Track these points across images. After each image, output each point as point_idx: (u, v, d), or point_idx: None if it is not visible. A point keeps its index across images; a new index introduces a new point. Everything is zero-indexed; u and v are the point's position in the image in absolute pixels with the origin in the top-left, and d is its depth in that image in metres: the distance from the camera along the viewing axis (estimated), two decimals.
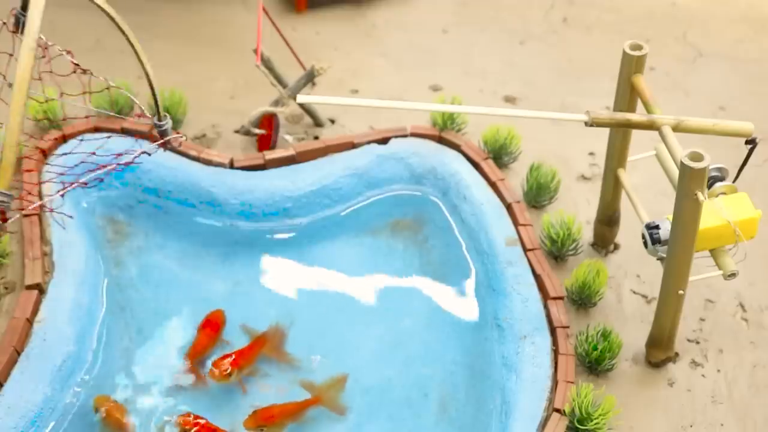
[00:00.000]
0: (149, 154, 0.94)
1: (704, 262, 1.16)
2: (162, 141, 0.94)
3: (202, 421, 1.14)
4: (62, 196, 0.87)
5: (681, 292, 1.13)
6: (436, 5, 1.90)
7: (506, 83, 1.70)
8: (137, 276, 1.31)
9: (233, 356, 1.20)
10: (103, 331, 1.25)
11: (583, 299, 1.27)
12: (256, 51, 1.41)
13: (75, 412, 1.16)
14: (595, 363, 1.20)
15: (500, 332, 1.25)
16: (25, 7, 0.94)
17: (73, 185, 0.87)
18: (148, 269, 1.25)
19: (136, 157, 0.93)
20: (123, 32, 0.82)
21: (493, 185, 1.42)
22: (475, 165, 1.45)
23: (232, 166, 1.41)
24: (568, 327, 1.23)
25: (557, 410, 1.13)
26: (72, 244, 1.28)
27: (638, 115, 1.08)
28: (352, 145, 1.47)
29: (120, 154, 0.96)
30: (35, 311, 1.20)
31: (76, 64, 0.94)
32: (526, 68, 1.75)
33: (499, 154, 1.46)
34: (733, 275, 1.12)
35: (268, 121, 1.48)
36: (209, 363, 1.22)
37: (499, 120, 1.45)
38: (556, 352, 1.21)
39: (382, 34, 1.82)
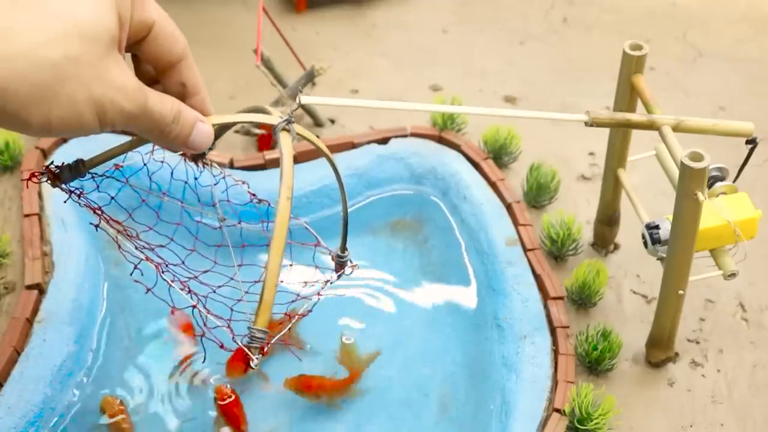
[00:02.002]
0: (332, 283, 0.99)
1: (704, 262, 1.16)
2: (340, 273, 0.99)
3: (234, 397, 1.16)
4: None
5: (681, 292, 1.12)
6: (436, 5, 1.90)
7: (506, 83, 1.70)
8: (137, 276, 1.31)
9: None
10: (103, 331, 1.25)
11: (583, 299, 1.27)
12: (256, 51, 1.41)
13: (75, 412, 1.16)
14: (595, 363, 1.20)
15: (500, 332, 1.25)
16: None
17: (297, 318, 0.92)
18: (149, 269, 1.25)
19: (324, 287, 0.97)
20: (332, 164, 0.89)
21: (493, 185, 1.42)
22: (475, 165, 1.45)
23: (232, 166, 1.41)
24: (568, 327, 1.23)
25: (557, 410, 1.13)
26: (72, 245, 1.28)
27: (638, 115, 1.08)
28: (352, 145, 1.47)
29: None
30: (35, 311, 1.20)
31: None
32: (526, 68, 1.75)
33: (499, 154, 1.46)
34: (733, 275, 1.12)
35: None
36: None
37: (499, 120, 1.45)
38: (556, 352, 1.20)
39: (382, 34, 1.82)
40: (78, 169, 0.84)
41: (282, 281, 1.00)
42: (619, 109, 1.17)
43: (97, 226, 0.92)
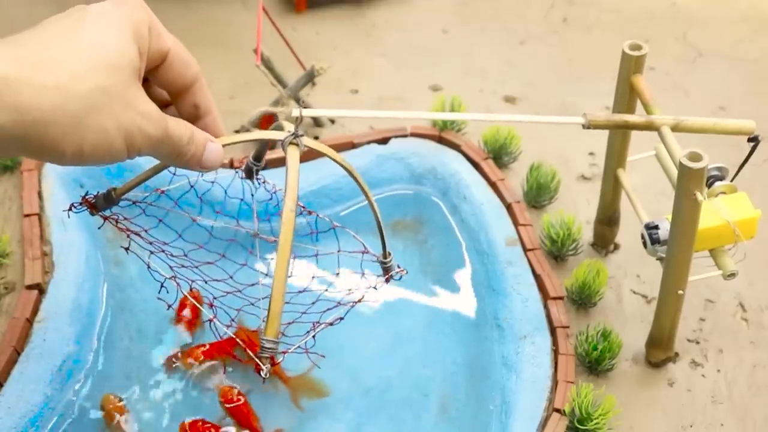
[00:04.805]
0: (376, 289, 1.01)
1: (704, 262, 1.16)
2: (387, 276, 1.01)
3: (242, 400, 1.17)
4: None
5: (680, 292, 1.12)
6: (436, 5, 1.90)
7: (506, 83, 1.70)
8: (137, 276, 1.31)
9: (206, 346, 1.22)
10: (103, 331, 1.25)
11: (583, 299, 1.27)
12: (256, 51, 1.41)
13: (75, 412, 1.16)
14: (595, 363, 1.20)
15: (500, 332, 1.25)
16: (258, 157, 0.99)
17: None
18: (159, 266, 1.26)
19: (365, 293, 1.00)
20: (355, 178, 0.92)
21: (493, 185, 1.42)
22: (475, 165, 1.45)
23: (232, 166, 1.41)
24: (568, 327, 1.23)
25: (557, 410, 1.13)
26: (72, 244, 1.28)
27: (636, 116, 1.08)
28: (352, 145, 1.47)
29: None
30: (35, 311, 1.20)
31: None
32: (526, 68, 1.75)
33: (499, 154, 1.46)
34: (732, 275, 1.12)
35: (268, 121, 1.48)
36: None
37: (499, 120, 1.45)
38: (556, 352, 1.21)
39: (382, 34, 1.82)
40: (111, 197, 0.90)
41: (326, 289, 1.03)
42: (619, 110, 1.17)
43: (127, 249, 0.95)
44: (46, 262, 1.26)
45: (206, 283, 1.02)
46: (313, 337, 0.92)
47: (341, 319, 0.95)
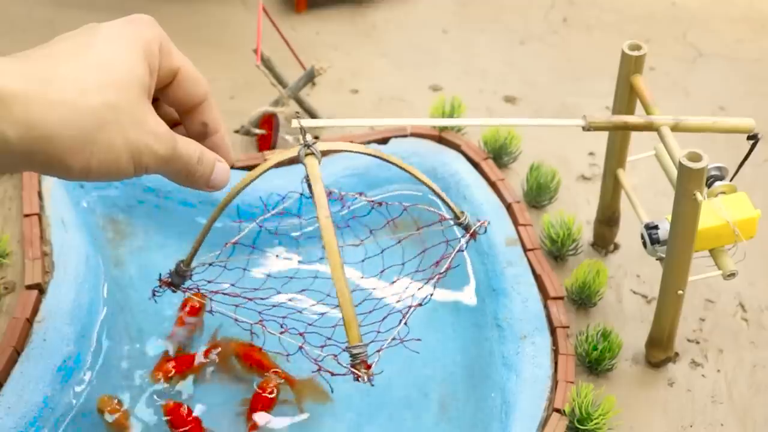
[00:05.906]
0: (463, 251, 1.03)
1: (704, 262, 1.16)
2: (471, 232, 1.04)
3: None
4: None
5: (680, 292, 1.13)
6: (436, 5, 1.90)
7: (506, 83, 1.70)
8: (137, 276, 1.31)
9: (174, 362, 1.21)
10: (103, 331, 1.25)
11: (583, 299, 1.27)
12: (256, 51, 1.41)
13: (75, 412, 1.16)
14: (595, 363, 1.20)
15: (500, 332, 1.25)
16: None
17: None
18: (148, 269, 1.26)
19: (454, 255, 1.01)
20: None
21: (493, 185, 1.42)
22: (475, 165, 1.45)
23: (232, 166, 1.41)
24: (568, 327, 1.23)
25: (557, 410, 1.13)
26: (72, 245, 1.28)
27: (636, 117, 1.08)
28: None
29: None
30: (35, 311, 1.20)
31: None
32: (526, 68, 1.75)
33: (499, 154, 1.46)
34: (732, 275, 1.12)
35: (268, 121, 1.48)
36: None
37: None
38: (556, 352, 1.21)
39: (382, 34, 1.82)
40: (181, 270, 0.94)
41: (416, 270, 1.03)
42: (619, 110, 1.17)
43: (210, 311, 0.97)
44: (46, 262, 1.26)
45: (300, 312, 1.02)
46: (406, 323, 0.92)
47: (431, 295, 0.95)
